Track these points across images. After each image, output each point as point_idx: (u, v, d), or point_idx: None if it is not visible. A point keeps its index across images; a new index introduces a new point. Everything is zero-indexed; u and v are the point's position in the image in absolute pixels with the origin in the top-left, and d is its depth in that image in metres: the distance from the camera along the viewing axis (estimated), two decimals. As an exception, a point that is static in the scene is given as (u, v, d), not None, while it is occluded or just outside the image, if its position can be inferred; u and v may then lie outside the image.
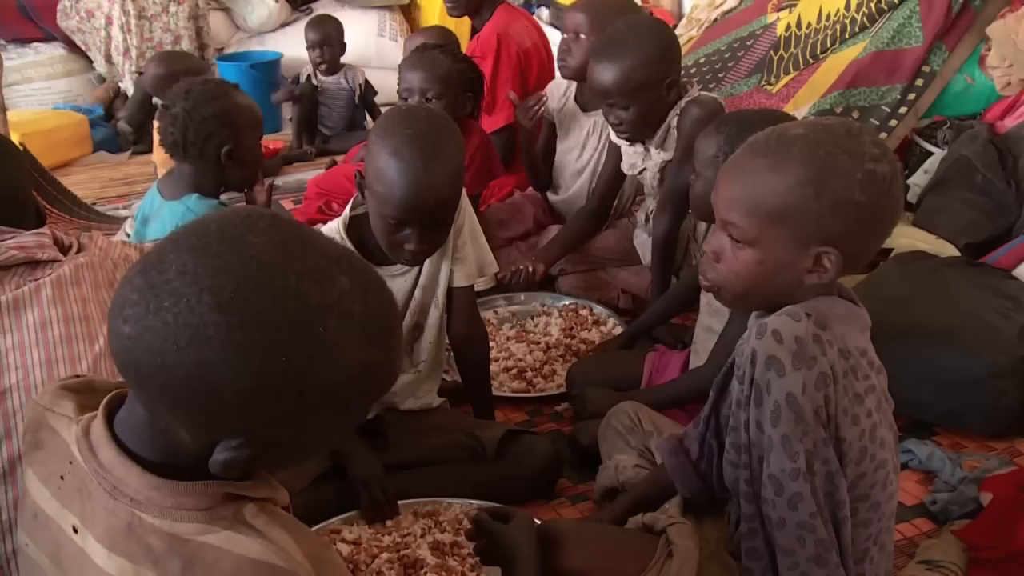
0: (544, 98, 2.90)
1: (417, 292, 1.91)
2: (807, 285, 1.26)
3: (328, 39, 4.05)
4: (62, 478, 0.90)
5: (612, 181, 2.71)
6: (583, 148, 2.92)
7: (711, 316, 1.98)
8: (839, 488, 1.23)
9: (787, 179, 1.22)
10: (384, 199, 1.68)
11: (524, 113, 2.87)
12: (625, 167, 2.62)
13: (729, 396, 1.37)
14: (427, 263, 1.90)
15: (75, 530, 0.88)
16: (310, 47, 4.06)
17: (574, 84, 2.91)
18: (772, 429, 1.20)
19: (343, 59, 4.17)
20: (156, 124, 3.43)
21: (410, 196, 1.66)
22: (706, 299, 2.01)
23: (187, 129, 2.11)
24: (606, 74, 2.35)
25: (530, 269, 2.57)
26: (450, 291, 1.95)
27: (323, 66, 4.07)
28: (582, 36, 2.72)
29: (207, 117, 2.10)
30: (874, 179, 1.20)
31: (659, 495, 1.57)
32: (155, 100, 3.58)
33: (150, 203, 2.26)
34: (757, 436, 1.24)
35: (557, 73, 3.00)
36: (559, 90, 2.98)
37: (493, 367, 2.38)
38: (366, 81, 4.16)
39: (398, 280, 1.87)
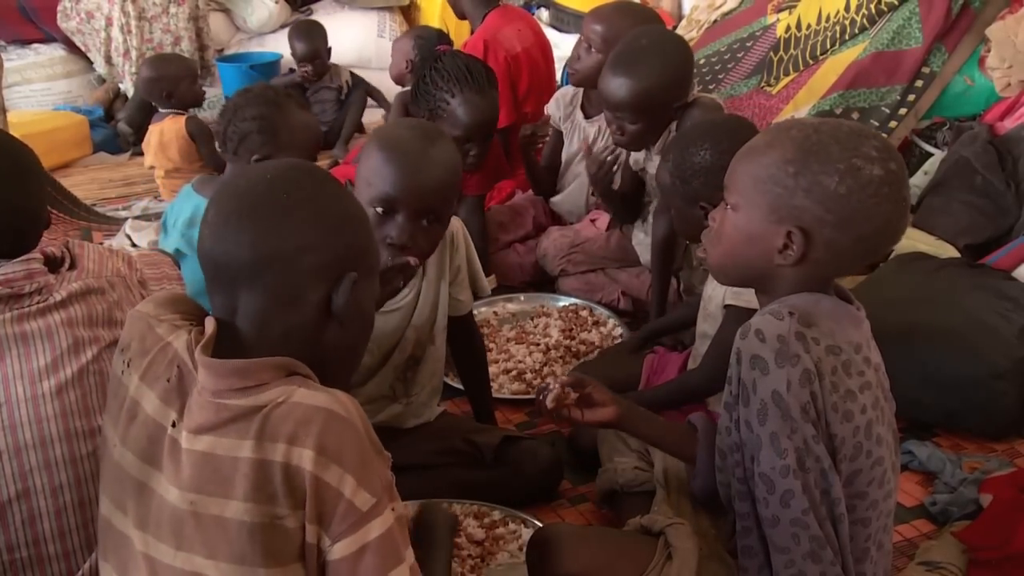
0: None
1: (409, 332, 1.86)
2: (778, 268, 1.27)
3: (318, 53, 4.02)
4: (168, 380, 1.06)
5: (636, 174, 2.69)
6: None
7: (705, 321, 1.98)
8: (833, 485, 1.23)
9: (776, 153, 1.26)
10: (375, 184, 1.63)
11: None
12: (632, 162, 2.62)
13: None
14: (420, 304, 1.85)
15: (173, 424, 1.05)
16: (300, 60, 4.01)
17: (581, 91, 2.90)
18: (760, 427, 1.22)
19: (330, 60, 4.16)
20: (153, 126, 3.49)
21: (404, 173, 1.62)
22: (701, 304, 2.01)
23: (229, 124, 2.14)
24: (621, 89, 2.28)
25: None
26: (451, 318, 1.93)
27: (311, 73, 4.06)
28: (594, 50, 2.70)
29: (247, 118, 2.11)
30: (857, 175, 1.21)
31: (676, 441, 1.55)
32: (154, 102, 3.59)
33: (194, 207, 2.25)
34: (747, 435, 1.25)
35: (559, 79, 2.95)
36: (566, 98, 2.97)
37: (493, 369, 2.38)
38: (351, 75, 4.15)
39: (386, 317, 1.81)
